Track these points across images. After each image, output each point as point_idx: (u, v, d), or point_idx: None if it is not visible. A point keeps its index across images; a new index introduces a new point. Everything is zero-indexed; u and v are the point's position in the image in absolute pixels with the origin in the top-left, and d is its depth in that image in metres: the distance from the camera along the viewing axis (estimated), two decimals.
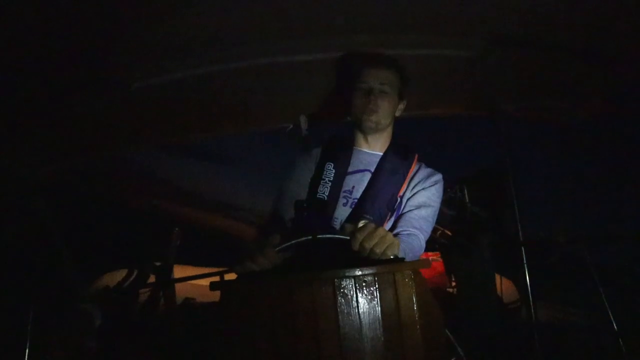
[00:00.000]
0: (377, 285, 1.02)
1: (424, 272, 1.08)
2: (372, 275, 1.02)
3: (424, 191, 1.56)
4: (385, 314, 1.00)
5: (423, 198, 1.55)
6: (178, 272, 3.48)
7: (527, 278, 2.34)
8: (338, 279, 1.02)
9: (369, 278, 1.02)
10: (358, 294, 1.01)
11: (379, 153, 1.63)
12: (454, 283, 3.48)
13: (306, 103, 2.30)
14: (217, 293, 1.08)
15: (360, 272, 1.02)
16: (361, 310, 1.00)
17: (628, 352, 2.13)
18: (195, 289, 3.97)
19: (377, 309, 1.01)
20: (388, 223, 1.54)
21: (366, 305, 1.01)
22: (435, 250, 3.59)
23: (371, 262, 1.09)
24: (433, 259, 3.73)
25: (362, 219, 1.25)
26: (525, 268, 2.35)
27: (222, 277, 3.06)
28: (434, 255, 3.78)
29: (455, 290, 3.40)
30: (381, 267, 1.04)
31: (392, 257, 1.12)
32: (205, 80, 1.94)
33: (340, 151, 1.64)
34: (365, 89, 1.58)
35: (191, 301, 3.87)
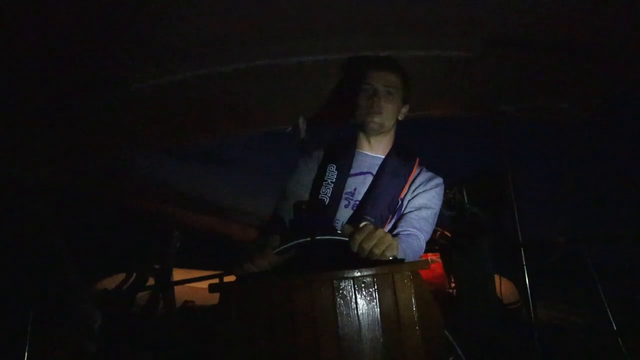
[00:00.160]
0: (376, 286, 1.02)
1: (424, 273, 1.08)
2: (371, 276, 1.03)
3: (425, 193, 1.57)
4: (384, 315, 1.01)
5: (423, 200, 1.56)
6: (178, 276, 3.48)
7: (527, 279, 2.34)
8: (337, 280, 1.02)
9: (368, 279, 1.02)
10: (357, 295, 1.01)
11: (381, 156, 1.64)
12: (454, 284, 3.48)
13: (305, 105, 2.30)
14: (217, 296, 1.08)
15: (359, 273, 1.02)
16: (360, 311, 1.00)
17: (627, 352, 2.13)
18: (194, 292, 3.97)
19: (376, 310, 1.01)
20: (389, 225, 1.54)
21: (365, 306, 1.01)
22: (434, 251, 3.59)
23: (370, 263, 1.09)
24: (433, 260, 3.73)
25: (364, 221, 1.25)
26: (524, 269, 2.36)
27: (222, 280, 3.06)
28: (434, 256, 3.78)
29: (454, 291, 3.39)
30: (380, 268, 1.04)
31: (391, 258, 1.12)
32: (205, 81, 1.94)
33: (342, 153, 1.65)
34: (370, 91, 1.59)
35: (190, 304, 3.87)
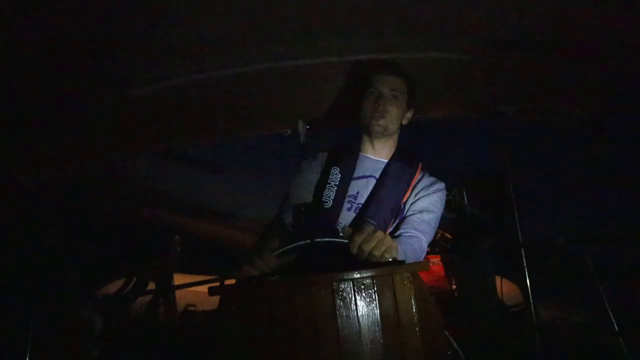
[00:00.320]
0: (376, 287, 1.02)
1: (425, 275, 1.08)
2: (371, 278, 1.03)
3: (427, 197, 1.58)
4: (384, 317, 1.01)
5: (425, 204, 1.57)
6: (179, 281, 3.47)
7: (528, 279, 2.34)
8: (337, 282, 1.02)
9: (368, 281, 1.03)
10: (357, 297, 1.01)
11: (384, 160, 1.65)
12: (455, 286, 3.47)
13: (305, 108, 2.30)
14: (219, 300, 1.08)
15: (358, 275, 1.02)
16: (360, 313, 1.00)
17: (629, 352, 2.12)
18: (196, 297, 3.96)
19: (376, 312, 1.01)
20: (391, 229, 1.55)
21: (365, 308, 1.01)
22: (435, 253, 3.58)
23: (370, 265, 1.09)
24: (433, 262, 3.73)
25: (366, 224, 1.25)
26: (525, 269, 2.36)
27: (222, 283, 3.06)
28: (435, 258, 3.78)
29: (456, 292, 3.39)
30: (379, 270, 1.04)
31: (391, 260, 1.12)
32: (205, 84, 1.95)
33: (346, 156, 1.66)
34: (375, 94, 1.61)
35: (192, 308, 3.87)
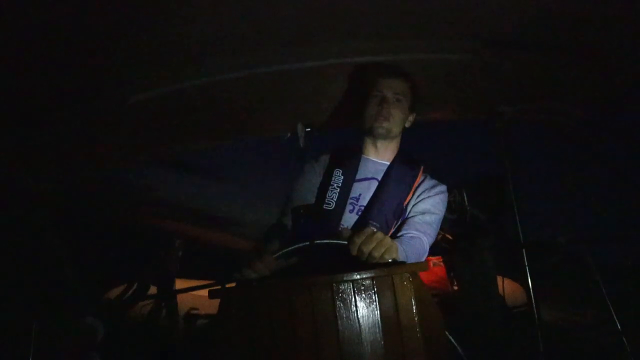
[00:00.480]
0: (376, 288, 1.02)
1: (427, 276, 1.08)
2: (371, 278, 1.03)
3: (429, 199, 1.59)
4: (384, 317, 1.01)
5: (427, 205, 1.58)
6: (181, 287, 3.46)
7: (529, 280, 2.33)
8: (336, 284, 1.02)
9: (368, 282, 1.03)
10: (357, 298, 1.01)
11: (387, 162, 1.66)
12: (456, 287, 3.46)
13: (304, 111, 2.31)
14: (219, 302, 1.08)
15: (358, 276, 1.02)
16: (360, 314, 1.00)
17: (632, 351, 2.11)
18: (198, 301, 3.95)
19: (376, 313, 1.01)
20: (393, 230, 1.56)
21: (365, 309, 1.01)
22: (436, 254, 3.58)
23: (369, 266, 1.09)
24: (435, 263, 3.72)
25: (368, 226, 1.26)
26: (527, 270, 2.35)
27: (223, 286, 3.05)
28: (436, 259, 3.77)
29: (457, 293, 3.38)
30: (379, 271, 1.04)
31: (390, 261, 1.12)
32: (202, 90, 1.95)
33: (348, 158, 1.67)
34: (379, 98, 1.62)
35: (194, 312, 3.85)
